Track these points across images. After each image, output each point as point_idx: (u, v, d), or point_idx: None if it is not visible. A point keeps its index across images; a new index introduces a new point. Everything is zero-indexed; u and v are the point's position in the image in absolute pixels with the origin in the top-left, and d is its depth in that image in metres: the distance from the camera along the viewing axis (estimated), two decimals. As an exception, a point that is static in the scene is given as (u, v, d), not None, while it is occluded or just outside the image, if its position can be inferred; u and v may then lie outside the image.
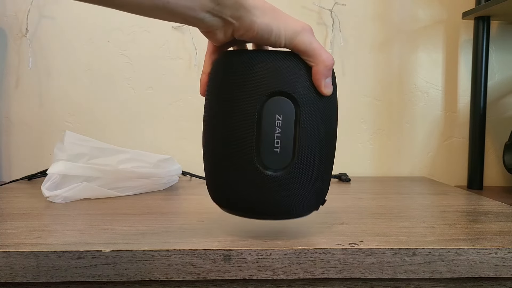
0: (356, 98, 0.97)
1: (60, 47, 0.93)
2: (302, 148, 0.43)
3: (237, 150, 0.44)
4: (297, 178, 0.44)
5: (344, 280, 0.46)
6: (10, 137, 0.94)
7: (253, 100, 0.43)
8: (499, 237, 0.49)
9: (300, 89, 0.43)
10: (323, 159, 0.45)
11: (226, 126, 0.44)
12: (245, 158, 0.43)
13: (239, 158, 0.43)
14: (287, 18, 0.43)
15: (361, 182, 0.88)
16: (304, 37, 0.42)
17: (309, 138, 0.43)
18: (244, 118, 0.43)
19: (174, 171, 0.78)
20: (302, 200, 0.45)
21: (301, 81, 0.43)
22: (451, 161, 0.99)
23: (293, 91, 0.43)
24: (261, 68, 0.43)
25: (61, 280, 0.43)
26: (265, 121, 0.43)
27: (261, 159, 0.43)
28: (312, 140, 0.44)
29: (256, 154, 0.43)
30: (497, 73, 0.97)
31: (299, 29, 0.42)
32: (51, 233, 0.50)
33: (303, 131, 0.43)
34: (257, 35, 0.42)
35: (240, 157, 0.43)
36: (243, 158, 0.43)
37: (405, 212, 0.61)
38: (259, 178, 0.43)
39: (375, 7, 0.96)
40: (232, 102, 0.44)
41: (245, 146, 0.43)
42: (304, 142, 0.43)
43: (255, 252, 0.44)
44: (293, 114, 0.43)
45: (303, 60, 0.43)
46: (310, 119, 0.43)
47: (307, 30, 0.43)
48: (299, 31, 0.42)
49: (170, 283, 0.45)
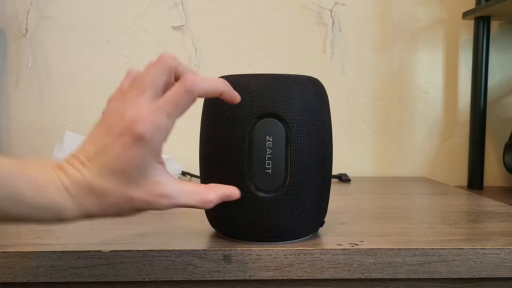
0: (356, 98, 0.97)
1: (60, 47, 0.93)
2: (295, 169, 0.43)
3: (229, 171, 0.44)
4: (290, 200, 0.44)
5: (344, 281, 0.46)
6: (10, 137, 0.94)
7: (243, 122, 0.43)
8: (499, 237, 0.49)
9: (290, 110, 0.43)
10: (317, 180, 0.45)
11: (218, 148, 0.44)
12: (237, 179, 0.43)
13: (231, 180, 0.43)
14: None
15: (361, 182, 0.88)
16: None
17: (301, 159, 0.43)
18: (235, 140, 0.43)
19: (174, 171, 0.78)
20: (297, 222, 0.45)
21: (290, 103, 0.43)
22: (451, 161, 0.99)
23: (283, 112, 0.43)
24: (251, 90, 0.43)
25: (61, 280, 0.43)
26: (256, 142, 0.43)
27: (253, 181, 0.44)
28: (304, 161, 0.43)
29: (248, 176, 0.43)
30: (497, 73, 0.97)
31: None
32: (51, 233, 0.49)
33: (295, 153, 0.43)
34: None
35: (232, 179, 0.43)
36: (235, 180, 0.43)
37: (405, 212, 0.61)
38: (252, 199, 0.43)
39: (375, 7, 0.96)
40: (223, 124, 0.44)
41: (237, 167, 0.43)
42: (296, 163, 0.43)
43: (255, 252, 0.43)
44: (283, 135, 0.43)
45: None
46: (300, 140, 0.43)
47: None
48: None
49: (170, 283, 0.45)
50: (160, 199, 0.35)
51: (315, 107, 0.44)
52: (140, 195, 0.35)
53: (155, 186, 0.35)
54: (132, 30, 0.93)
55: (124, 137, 0.34)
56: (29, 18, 0.91)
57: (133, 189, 0.34)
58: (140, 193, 0.35)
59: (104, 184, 0.34)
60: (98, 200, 0.34)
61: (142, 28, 0.93)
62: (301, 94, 0.43)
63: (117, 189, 0.34)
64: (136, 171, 0.34)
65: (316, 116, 0.44)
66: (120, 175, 0.34)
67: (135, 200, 0.35)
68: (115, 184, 0.34)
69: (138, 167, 0.34)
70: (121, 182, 0.34)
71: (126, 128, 0.34)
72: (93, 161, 0.34)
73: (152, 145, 0.34)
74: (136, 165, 0.34)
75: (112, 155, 0.34)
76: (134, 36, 0.93)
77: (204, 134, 0.46)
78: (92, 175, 0.34)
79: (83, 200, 0.34)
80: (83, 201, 0.34)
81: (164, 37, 0.93)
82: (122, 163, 0.34)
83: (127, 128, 0.34)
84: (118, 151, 0.34)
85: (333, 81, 0.96)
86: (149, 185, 0.35)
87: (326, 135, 0.46)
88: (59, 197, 0.33)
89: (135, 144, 0.33)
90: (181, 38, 0.94)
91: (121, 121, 0.34)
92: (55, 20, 0.92)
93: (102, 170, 0.34)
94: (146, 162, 0.34)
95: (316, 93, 0.45)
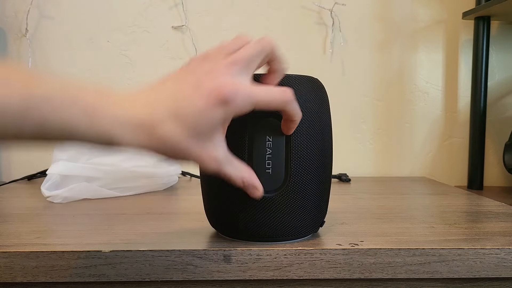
0: (356, 98, 0.97)
1: (60, 47, 0.93)
2: (295, 169, 0.43)
3: None
4: (290, 200, 0.44)
5: (344, 281, 0.46)
6: (10, 137, 0.94)
7: (243, 122, 0.42)
8: (499, 237, 0.49)
9: None
10: (317, 180, 0.45)
11: None
12: None
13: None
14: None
15: (361, 182, 0.88)
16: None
17: (301, 159, 0.43)
18: (235, 140, 0.43)
19: (174, 170, 0.78)
20: (297, 222, 0.45)
21: None
22: (451, 161, 0.99)
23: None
24: None
25: (61, 280, 0.43)
26: (256, 142, 0.43)
27: None
28: (304, 161, 0.43)
29: None
30: (497, 73, 0.97)
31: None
32: (51, 233, 0.49)
33: (295, 153, 0.43)
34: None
35: None
36: None
37: (405, 212, 0.61)
38: (252, 199, 0.43)
39: (375, 7, 0.96)
40: None
41: None
42: (296, 163, 0.43)
43: (255, 252, 0.43)
44: (283, 136, 0.43)
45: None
46: (300, 140, 0.43)
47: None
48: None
49: (170, 284, 0.45)
50: (212, 161, 0.37)
51: (315, 107, 0.44)
52: (198, 151, 0.36)
53: (213, 149, 0.37)
54: (132, 30, 0.93)
55: (211, 97, 0.35)
56: (29, 18, 0.91)
57: (195, 144, 0.36)
58: (199, 150, 0.36)
59: (172, 131, 0.35)
60: (157, 142, 0.35)
61: (142, 28, 0.93)
62: (301, 94, 0.43)
63: (181, 140, 0.35)
64: (208, 131, 0.36)
65: (316, 116, 0.44)
66: (192, 128, 0.35)
67: (192, 154, 0.36)
68: (183, 135, 0.35)
69: (212, 128, 0.36)
70: (189, 134, 0.35)
71: (216, 89, 0.35)
72: (168, 106, 0.35)
73: (231, 114, 0.36)
74: (212, 125, 0.36)
75: (192, 108, 0.35)
76: (134, 36, 0.93)
77: None
78: (162, 118, 0.34)
79: (139, 137, 0.34)
80: (139, 137, 0.34)
81: (164, 37, 0.93)
82: (199, 119, 0.35)
83: (217, 89, 0.35)
84: (201, 107, 0.35)
85: (333, 81, 0.96)
86: (209, 146, 0.37)
87: (326, 135, 0.46)
88: (117, 130, 0.34)
89: (219, 107, 0.35)
90: (181, 38, 0.94)
91: (211, 81, 0.36)
92: (55, 20, 0.92)
93: (175, 117, 0.35)
94: (218, 126, 0.36)
95: (316, 93, 0.45)
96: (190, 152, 0.36)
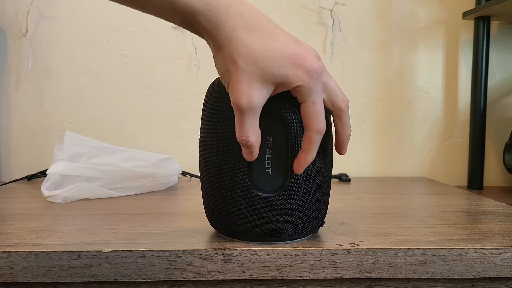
0: (356, 98, 0.97)
1: (60, 47, 0.93)
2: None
3: (229, 171, 0.44)
4: (290, 200, 0.44)
5: (344, 281, 0.46)
6: (10, 137, 0.94)
7: None
8: (499, 237, 0.49)
9: (290, 110, 0.43)
10: (317, 180, 0.45)
11: (218, 148, 0.44)
12: (237, 179, 0.43)
13: (231, 180, 0.43)
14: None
15: (361, 182, 0.88)
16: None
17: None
18: (235, 140, 0.42)
19: (174, 170, 0.78)
20: (297, 222, 0.45)
21: (290, 103, 0.42)
22: (451, 161, 0.99)
23: (283, 112, 0.43)
24: None
25: (61, 280, 0.43)
26: None
27: (253, 181, 0.44)
28: None
29: (248, 176, 0.43)
30: (497, 73, 0.97)
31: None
32: (51, 233, 0.49)
33: (295, 153, 0.43)
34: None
35: (232, 179, 0.43)
36: (235, 179, 0.43)
37: (405, 212, 0.61)
38: (252, 199, 0.43)
39: (375, 7, 0.96)
40: (224, 124, 0.44)
41: (237, 167, 0.43)
42: None
43: (255, 252, 0.43)
44: (283, 136, 0.43)
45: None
46: (300, 140, 0.43)
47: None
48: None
49: (170, 284, 0.45)
50: (244, 99, 0.39)
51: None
52: (245, 80, 0.39)
53: (257, 92, 0.39)
54: (132, 30, 0.93)
55: (301, 59, 0.39)
56: (29, 18, 0.91)
57: (249, 75, 0.38)
58: (247, 81, 0.39)
59: (249, 40, 0.38)
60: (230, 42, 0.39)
61: (142, 28, 0.93)
62: None
63: (251, 51, 0.38)
64: (271, 77, 0.39)
65: None
66: (263, 60, 0.38)
67: (238, 77, 0.39)
68: (252, 54, 0.38)
69: (276, 77, 0.39)
70: (255, 61, 0.38)
71: (310, 60, 0.39)
72: (266, 32, 0.39)
73: (304, 82, 0.39)
74: (280, 75, 0.39)
75: (280, 52, 0.39)
76: (134, 36, 0.93)
77: (204, 134, 0.46)
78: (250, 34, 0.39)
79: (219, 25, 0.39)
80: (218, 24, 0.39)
81: (164, 37, 0.93)
82: (279, 64, 0.39)
83: (310, 61, 0.39)
84: (290, 55, 0.39)
85: (333, 81, 0.96)
86: (256, 87, 0.39)
87: (326, 135, 0.46)
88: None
89: (300, 70, 0.39)
90: (181, 38, 0.94)
91: (310, 53, 0.40)
92: (55, 20, 0.92)
93: (261, 41, 0.39)
94: (279, 83, 0.39)
95: None
96: (239, 74, 0.38)
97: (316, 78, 0.39)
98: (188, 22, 0.40)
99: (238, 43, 0.38)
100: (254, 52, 0.38)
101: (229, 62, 0.39)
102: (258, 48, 0.38)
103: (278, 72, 0.39)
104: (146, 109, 0.94)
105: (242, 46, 0.38)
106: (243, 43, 0.38)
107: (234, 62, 0.38)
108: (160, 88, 0.94)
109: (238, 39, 0.38)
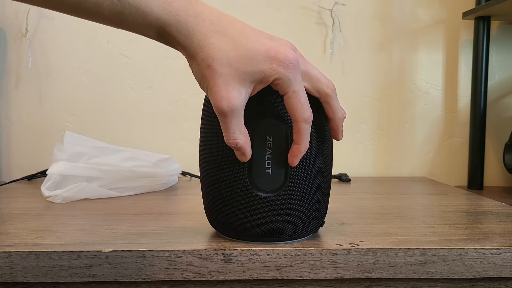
0: (356, 98, 0.97)
1: (60, 47, 0.93)
2: (295, 169, 0.43)
3: (229, 171, 0.44)
4: (290, 200, 0.44)
5: (344, 281, 0.46)
6: (10, 137, 0.94)
7: (243, 121, 0.42)
8: (499, 237, 0.49)
9: None
10: (317, 180, 0.45)
11: (218, 148, 0.44)
12: (237, 179, 0.43)
13: (231, 179, 0.43)
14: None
15: (361, 182, 0.88)
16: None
17: (301, 159, 0.43)
18: None
19: (174, 170, 0.78)
20: (297, 222, 0.45)
21: None
22: (451, 161, 0.99)
23: (283, 112, 0.43)
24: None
25: (61, 280, 0.43)
26: (256, 142, 0.43)
27: (253, 181, 0.44)
28: (304, 162, 0.43)
29: (248, 176, 0.43)
30: (497, 73, 0.97)
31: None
32: (51, 233, 0.49)
33: None
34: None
35: (232, 179, 0.43)
36: (235, 179, 0.43)
37: (405, 212, 0.61)
38: (252, 199, 0.43)
39: (375, 7, 0.96)
40: None
41: (237, 167, 0.43)
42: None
43: (255, 252, 0.43)
44: (283, 135, 0.43)
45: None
46: None
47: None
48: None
49: (170, 284, 0.45)
50: (224, 101, 0.39)
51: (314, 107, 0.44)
52: (223, 83, 0.39)
53: (235, 93, 0.39)
54: (132, 30, 0.93)
55: (275, 52, 0.39)
56: (29, 18, 0.91)
57: (225, 76, 0.38)
58: (224, 83, 0.39)
59: (221, 45, 0.39)
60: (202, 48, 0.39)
61: (142, 28, 0.93)
62: None
63: (223, 56, 0.38)
64: (248, 76, 0.39)
65: (316, 116, 0.44)
66: (237, 60, 0.38)
67: (215, 81, 0.38)
68: (226, 57, 0.38)
69: (253, 75, 0.39)
70: (229, 62, 0.39)
71: (283, 51, 0.40)
72: (235, 31, 0.40)
73: (280, 75, 0.39)
74: (256, 73, 0.39)
75: (253, 51, 0.39)
76: (134, 36, 0.93)
77: (204, 134, 0.46)
78: (220, 35, 0.39)
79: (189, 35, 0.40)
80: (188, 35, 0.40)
81: (164, 37, 0.93)
82: (253, 60, 0.39)
83: (284, 52, 0.40)
84: (262, 51, 0.39)
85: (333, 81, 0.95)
86: (234, 87, 0.39)
87: (326, 135, 0.46)
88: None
89: (274, 63, 0.39)
90: (181, 38, 0.93)
91: (284, 45, 0.41)
92: (55, 20, 0.92)
93: (232, 42, 0.39)
94: (257, 80, 0.39)
95: None
96: (215, 78, 0.38)
97: (293, 67, 0.40)
98: (161, 36, 0.41)
99: (211, 48, 0.38)
100: (227, 54, 0.38)
101: (204, 67, 0.39)
102: (231, 50, 0.38)
103: (254, 69, 0.39)
104: (146, 109, 0.94)
105: (215, 50, 0.38)
106: (215, 47, 0.38)
107: (209, 66, 0.39)
108: (160, 88, 0.94)
109: (210, 45, 0.38)
